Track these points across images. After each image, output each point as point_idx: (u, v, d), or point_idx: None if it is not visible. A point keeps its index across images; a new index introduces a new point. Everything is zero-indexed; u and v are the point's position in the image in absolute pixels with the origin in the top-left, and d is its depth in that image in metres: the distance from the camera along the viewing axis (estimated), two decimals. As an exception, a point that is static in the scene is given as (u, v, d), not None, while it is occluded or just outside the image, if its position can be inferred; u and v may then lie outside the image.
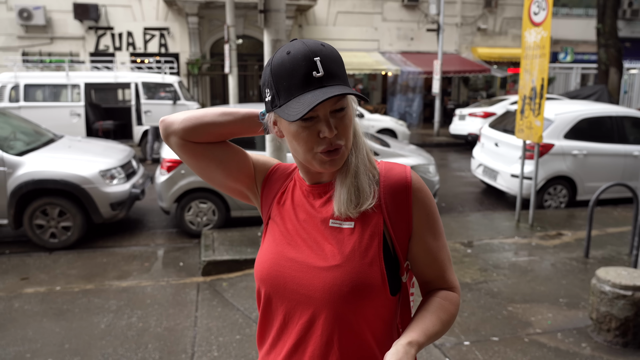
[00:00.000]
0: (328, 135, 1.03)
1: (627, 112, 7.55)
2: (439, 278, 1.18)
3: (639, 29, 20.05)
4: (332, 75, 1.03)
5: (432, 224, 1.15)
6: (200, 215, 5.92)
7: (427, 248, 1.15)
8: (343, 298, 1.06)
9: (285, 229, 1.17)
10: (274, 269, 1.13)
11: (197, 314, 3.91)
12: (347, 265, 1.06)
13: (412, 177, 1.14)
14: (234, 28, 11.23)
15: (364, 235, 1.09)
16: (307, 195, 1.18)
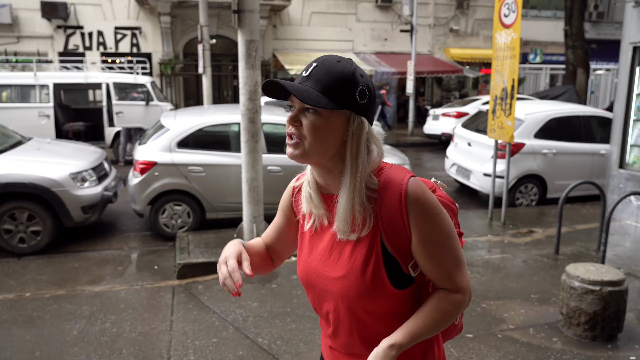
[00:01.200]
0: (287, 120, 1.21)
1: (594, 112, 7.77)
2: (442, 280, 1.25)
3: (605, 31, 20.66)
4: (314, 79, 1.18)
5: (431, 231, 1.20)
6: (175, 217, 5.84)
7: (427, 255, 1.22)
8: (352, 301, 1.24)
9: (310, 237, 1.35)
10: (303, 274, 1.35)
11: (173, 318, 3.86)
12: (351, 277, 1.23)
13: (406, 189, 1.19)
14: (207, 28, 11.13)
15: (364, 250, 1.22)
16: (327, 201, 1.30)
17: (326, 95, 1.16)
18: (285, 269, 4.72)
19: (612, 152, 6.45)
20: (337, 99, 1.17)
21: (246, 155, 5.02)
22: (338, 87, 1.17)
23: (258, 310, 3.93)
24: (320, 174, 1.28)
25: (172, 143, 5.76)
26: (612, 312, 3.33)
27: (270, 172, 5.88)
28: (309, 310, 3.90)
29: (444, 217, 1.22)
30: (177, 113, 6.63)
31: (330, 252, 1.27)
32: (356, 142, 1.21)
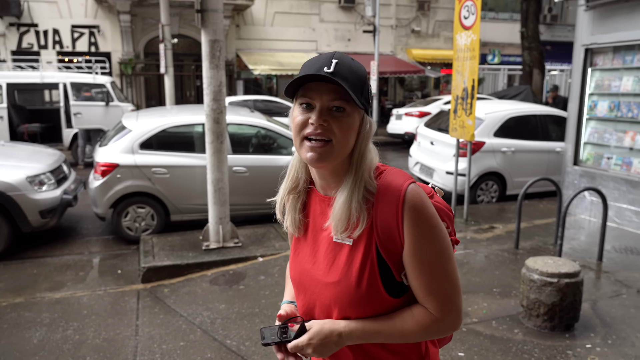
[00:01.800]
0: (314, 121, 1.11)
1: (550, 111, 8.07)
2: (420, 296, 1.17)
3: (558, 33, 21.46)
4: (341, 76, 1.11)
5: (422, 245, 1.13)
6: (139, 220, 5.72)
7: (414, 268, 1.15)
8: (345, 307, 1.18)
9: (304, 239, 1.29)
10: (297, 277, 1.30)
11: (138, 323, 3.78)
12: (344, 283, 1.17)
13: (405, 195, 1.13)
14: (169, 27, 10.95)
15: (359, 255, 1.17)
16: (321, 203, 1.26)
17: (354, 93, 1.11)
18: (252, 270, 4.70)
19: (566, 150, 6.72)
20: (360, 97, 1.14)
21: (211, 156, 4.98)
22: (360, 86, 1.14)
23: (226, 312, 3.90)
24: (324, 176, 1.22)
25: (135, 144, 5.64)
26: (569, 302, 3.48)
27: (236, 173, 5.84)
28: (277, 310, 3.90)
29: (439, 232, 1.15)
30: (139, 114, 6.50)
31: (325, 256, 1.22)
32: (365, 142, 1.18)
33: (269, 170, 6.03)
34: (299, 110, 1.16)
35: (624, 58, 5.98)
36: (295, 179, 1.27)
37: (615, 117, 6.12)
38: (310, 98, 1.13)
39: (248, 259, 4.92)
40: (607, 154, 6.27)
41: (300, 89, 1.16)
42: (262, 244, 5.26)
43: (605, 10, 6.03)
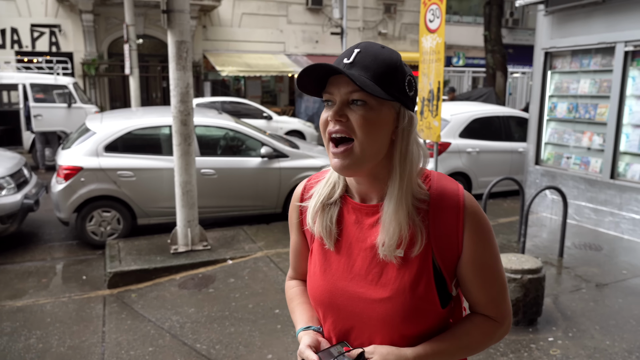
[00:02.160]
0: (330, 116, 1.03)
1: (513, 113, 8.31)
2: (482, 305, 1.13)
3: (520, 36, 22.09)
4: (361, 66, 1.01)
5: (483, 251, 1.08)
6: (104, 224, 5.59)
7: (475, 276, 1.09)
8: (396, 326, 1.07)
9: (335, 251, 1.15)
10: (326, 295, 1.13)
11: (105, 329, 3.70)
12: (398, 299, 1.05)
13: (464, 203, 1.07)
14: (133, 27, 10.76)
15: (413, 268, 1.06)
16: (356, 212, 1.13)
17: (378, 84, 0.99)
18: (221, 272, 4.67)
19: (528, 150, 6.93)
20: (389, 89, 1.01)
21: (179, 159, 4.92)
22: (389, 76, 1.01)
23: (195, 316, 3.86)
24: (363, 182, 1.10)
25: (99, 147, 5.51)
26: (532, 298, 3.59)
27: (204, 176, 5.79)
28: (247, 312, 3.89)
29: (494, 237, 1.10)
30: (103, 116, 6.35)
31: (368, 270, 1.09)
32: (406, 140, 1.05)
33: (238, 172, 6.00)
34: (325, 108, 1.06)
35: (581, 61, 6.21)
36: (333, 184, 1.16)
37: (574, 118, 6.35)
38: (330, 93, 1.04)
39: (217, 261, 4.88)
40: (566, 153, 6.49)
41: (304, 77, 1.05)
42: (232, 246, 5.23)
43: (563, 15, 6.25)
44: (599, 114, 6.01)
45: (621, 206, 5.73)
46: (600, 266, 4.79)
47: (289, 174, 6.20)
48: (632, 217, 5.61)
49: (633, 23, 5.43)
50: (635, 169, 5.64)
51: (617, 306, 3.95)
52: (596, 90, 6.04)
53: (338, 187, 1.15)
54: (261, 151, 6.09)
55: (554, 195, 6.48)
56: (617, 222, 5.78)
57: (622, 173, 5.75)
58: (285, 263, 4.82)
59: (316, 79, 1.04)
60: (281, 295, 4.17)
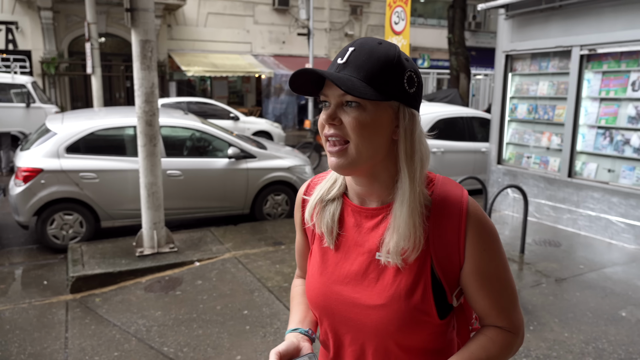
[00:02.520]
0: (323, 119, 1.00)
1: (476, 113, 8.52)
2: (492, 316, 1.08)
3: (482, 39, 22.66)
4: (354, 65, 0.97)
5: (488, 261, 1.03)
6: (66, 228, 5.44)
7: (481, 286, 1.05)
8: (390, 334, 1.03)
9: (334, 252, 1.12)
10: (321, 299, 1.11)
11: (68, 335, 3.61)
12: (393, 305, 1.02)
13: (468, 209, 1.02)
14: (95, 25, 10.49)
15: (410, 276, 1.03)
16: (355, 215, 1.10)
17: (371, 85, 0.96)
18: (189, 275, 4.61)
19: (491, 150, 7.12)
20: (384, 88, 0.97)
21: (144, 160, 4.84)
22: (384, 74, 0.97)
23: (162, 319, 3.80)
24: (363, 183, 1.06)
25: (60, 148, 5.36)
26: (495, 293, 3.70)
27: (170, 177, 5.70)
28: (215, 314, 3.86)
29: (501, 244, 1.05)
30: (64, 116, 6.18)
31: (364, 276, 1.06)
32: (410, 139, 1.01)
33: (205, 173, 5.94)
34: (323, 109, 1.03)
35: (540, 64, 6.43)
36: (333, 180, 1.13)
37: (534, 119, 6.57)
38: (326, 95, 1.01)
39: (184, 264, 4.82)
40: (527, 153, 6.71)
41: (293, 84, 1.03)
42: (199, 248, 5.17)
43: (522, 19, 6.46)
44: (557, 115, 6.24)
45: (578, 203, 5.96)
46: (559, 262, 4.98)
47: (257, 174, 6.18)
48: (588, 214, 5.85)
49: (588, 28, 5.66)
50: (591, 167, 5.88)
51: (575, 300, 4.11)
52: (554, 92, 6.26)
53: (338, 184, 1.13)
54: (228, 152, 6.05)
55: (516, 194, 6.68)
56: (574, 219, 6.01)
57: (579, 172, 5.99)
58: (253, 264, 4.81)
59: (312, 80, 1.01)
60: (249, 296, 4.16)
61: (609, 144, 5.65)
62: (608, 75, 5.62)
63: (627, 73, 5.43)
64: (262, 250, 5.18)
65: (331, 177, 1.15)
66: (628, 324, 3.70)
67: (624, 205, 5.48)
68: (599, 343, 3.43)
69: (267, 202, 6.37)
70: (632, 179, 5.43)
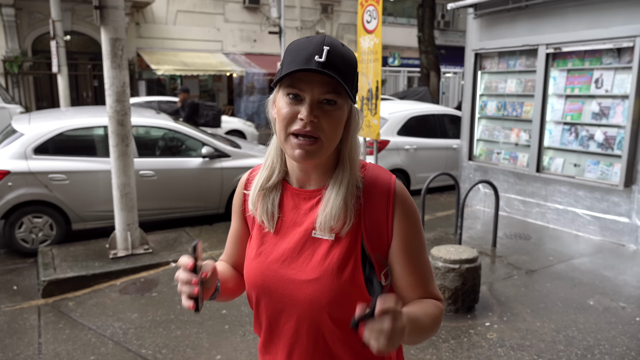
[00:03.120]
0: (304, 117, 1.02)
1: (447, 111, 8.67)
2: (419, 289, 1.15)
3: (451, 38, 23.03)
4: (334, 66, 1.02)
5: (413, 238, 1.13)
6: (35, 231, 5.30)
7: (407, 261, 1.13)
8: (322, 308, 1.09)
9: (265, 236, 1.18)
10: (259, 277, 1.16)
11: (41, 340, 3.52)
12: (325, 280, 1.08)
13: (395, 189, 1.12)
14: (60, 23, 10.21)
15: (341, 250, 1.09)
16: (294, 197, 1.17)
17: (347, 86, 1.04)
18: (165, 276, 4.56)
19: (462, 146, 7.27)
20: (352, 89, 1.06)
21: (116, 160, 4.76)
22: (352, 76, 1.06)
23: (139, 321, 3.76)
24: (308, 169, 1.14)
25: (28, 149, 5.22)
26: (470, 286, 3.79)
27: (143, 177, 5.62)
28: (193, 315, 3.83)
29: (421, 224, 1.16)
30: (31, 116, 6.01)
31: (300, 253, 1.13)
32: (353, 134, 1.12)
33: (179, 173, 5.88)
34: (285, 100, 1.05)
35: (508, 62, 6.60)
36: (271, 167, 1.19)
37: (503, 115, 6.73)
38: (300, 89, 1.03)
39: (160, 265, 4.76)
40: (496, 149, 6.87)
41: (287, 77, 1.04)
42: (174, 248, 5.12)
43: (490, 18, 6.61)
44: (525, 111, 6.41)
45: (546, 197, 6.15)
46: (529, 254, 5.12)
47: (231, 173, 6.14)
48: (556, 208, 6.04)
49: (553, 27, 5.84)
50: (557, 162, 6.07)
51: (545, 290, 4.24)
52: (522, 89, 6.43)
53: (275, 171, 1.18)
54: (202, 151, 5.99)
55: (487, 189, 6.84)
56: (543, 213, 6.20)
57: (547, 167, 6.17)
58: (230, 263, 4.78)
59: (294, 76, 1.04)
60: (227, 295, 4.14)
61: (575, 140, 5.84)
62: (573, 73, 5.81)
63: (590, 71, 5.63)
64: (238, 249, 5.15)
65: (267, 165, 1.19)
66: (596, 312, 3.85)
67: (589, 198, 5.68)
68: (569, 331, 3.56)
69: (242, 201, 6.33)
70: (596, 173, 5.64)
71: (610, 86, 5.41)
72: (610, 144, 5.47)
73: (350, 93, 1.04)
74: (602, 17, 5.35)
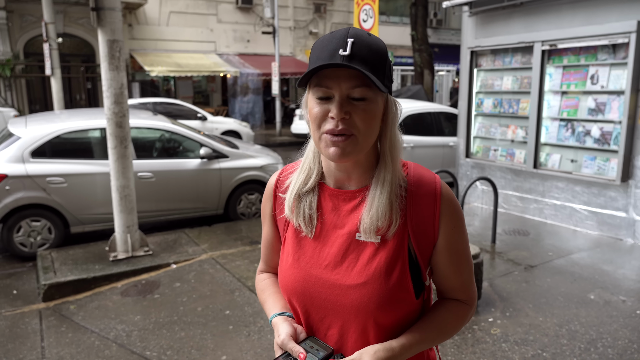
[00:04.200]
0: (335, 115, 0.98)
1: (442, 109, 8.70)
2: (456, 290, 1.16)
3: (444, 36, 23.09)
4: (360, 58, 0.97)
5: (457, 237, 1.11)
6: (34, 235, 5.27)
7: (451, 262, 1.12)
8: (369, 313, 1.06)
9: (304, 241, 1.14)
10: (299, 284, 1.12)
11: (44, 344, 3.50)
12: (373, 284, 1.05)
13: (441, 189, 1.09)
14: (53, 25, 10.15)
15: (388, 254, 1.06)
16: (333, 199, 1.13)
17: (377, 77, 0.99)
18: (166, 277, 4.55)
19: (459, 144, 7.29)
20: (383, 79, 1.01)
21: (115, 162, 4.74)
22: (382, 67, 1.01)
23: (142, 323, 3.74)
24: (347, 168, 1.09)
25: (25, 152, 5.18)
26: (472, 282, 3.81)
27: (142, 179, 5.60)
28: (197, 316, 3.82)
29: (465, 224, 1.15)
30: (27, 119, 5.97)
31: (344, 258, 1.08)
32: (392, 127, 1.07)
33: (177, 174, 5.86)
34: (315, 101, 1.02)
35: (504, 60, 6.63)
36: (308, 170, 1.14)
37: (499, 112, 6.76)
38: (327, 87, 1.00)
39: (161, 266, 4.75)
40: (493, 146, 6.91)
41: (313, 75, 1.01)
42: (175, 250, 5.10)
43: (485, 16, 6.64)
44: (521, 108, 6.45)
45: (544, 193, 6.19)
46: (528, 250, 5.16)
47: (230, 174, 6.14)
48: (553, 203, 6.08)
49: (548, 24, 5.87)
50: (555, 158, 6.11)
51: (546, 285, 4.27)
52: (518, 86, 6.47)
53: (313, 173, 1.14)
54: (200, 152, 5.98)
55: (484, 186, 6.87)
56: (540, 209, 6.23)
57: (544, 163, 6.21)
58: (231, 264, 4.78)
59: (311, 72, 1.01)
60: (230, 296, 4.14)
61: (571, 135, 5.88)
62: (568, 70, 5.85)
63: (586, 67, 5.67)
64: (239, 250, 5.15)
65: (304, 168, 1.15)
66: (597, 306, 3.88)
67: (586, 193, 5.72)
68: (572, 325, 3.58)
69: (241, 201, 6.34)
70: (593, 168, 5.68)
71: (605, 82, 5.46)
72: (606, 139, 5.51)
73: (381, 84, 0.98)
74: (597, 14, 5.39)
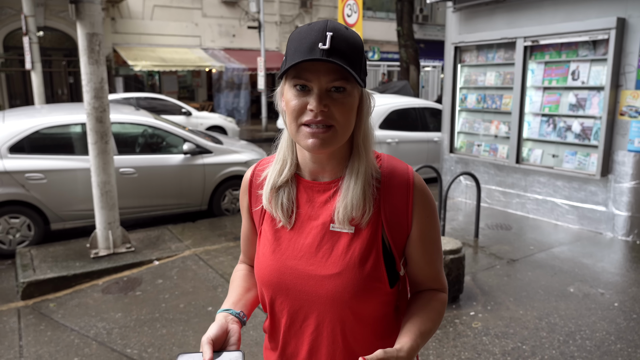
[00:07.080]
0: (314, 107, 0.99)
1: (427, 104, 8.73)
2: (431, 279, 1.18)
3: (429, 32, 23.16)
4: (339, 52, 0.98)
5: (431, 227, 1.13)
6: (12, 232, 5.17)
7: (424, 252, 1.14)
8: (345, 303, 1.07)
9: (279, 232, 1.14)
10: (275, 275, 1.12)
11: (22, 343, 3.45)
12: (347, 274, 1.06)
13: (414, 180, 1.11)
14: (33, 18, 9.95)
15: (362, 243, 1.08)
16: (307, 190, 1.14)
17: (354, 71, 1.00)
18: (148, 274, 4.51)
19: (443, 139, 7.33)
20: (359, 73, 1.02)
21: (95, 158, 4.67)
22: (359, 60, 1.03)
23: (123, 321, 3.70)
24: (322, 160, 1.10)
25: (3, 148, 5.09)
26: (455, 276, 3.84)
27: (124, 175, 5.54)
28: (179, 312, 3.79)
29: (437, 214, 1.16)
30: (5, 114, 5.86)
31: (318, 248, 1.10)
32: (366, 120, 1.09)
33: (160, 170, 5.81)
34: (293, 92, 1.02)
35: (487, 55, 6.66)
36: (283, 161, 1.15)
37: (482, 108, 6.80)
38: (306, 80, 1.00)
39: (143, 263, 4.70)
40: (477, 141, 6.95)
41: (291, 67, 1.00)
42: (157, 246, 5.06)
43: (469, 12, 6.67)
44: (504, 104, 6.49)
45: (526, 188, 6.25)
46: (510, 244, 5.21)
47: (214, 170, 6.09)
48: (535, 198, 6.14)
49: (530, 20, 5.91)
50: (536, 153, 6.16)
51: (527, 279, 4.32)
52: (501, 82, 6.51)
53: (287, 163, 1.14)
54: (183, 148, 5.93)
55: (468, 181, 6.92)
56: (523, 203, 6.30)
57: (526, 158, 6.27)
58: (214, 260, 4.75)
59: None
60: (213, 292, 4.11)
61: (553, 131, 5.94)
62: (550, 66, 5.90)
63: (567, 63, 5.72)
64: (222, 246, 5.12)
65: (279, 158, 1.15)
66: (576, 299, 3.94)
67: (567, 188, 5.79)
68: (551, 318, 3.63)
69: (225, 197, 6.30)
70: (574, 163, 5.74)
71: (586, 78, 5.51)
72: (587, 134, 5.58)
73: (358, 78, 1.00)
74: (578, 10, 5.44)
